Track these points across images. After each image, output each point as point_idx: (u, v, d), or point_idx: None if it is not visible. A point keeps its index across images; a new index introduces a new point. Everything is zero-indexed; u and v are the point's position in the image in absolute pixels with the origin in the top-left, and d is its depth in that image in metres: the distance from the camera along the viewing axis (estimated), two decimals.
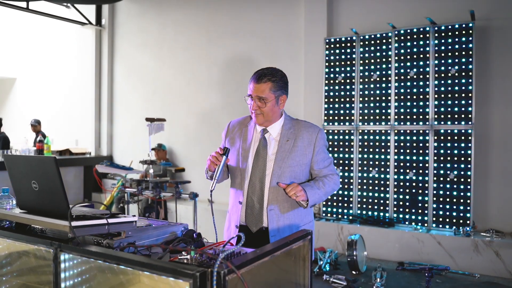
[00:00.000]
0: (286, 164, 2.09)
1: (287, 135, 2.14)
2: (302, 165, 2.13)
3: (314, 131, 2.16)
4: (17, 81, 9.76)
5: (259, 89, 2.08)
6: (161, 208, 5.06)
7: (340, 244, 5.13)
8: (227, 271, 1.19)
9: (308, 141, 2.13)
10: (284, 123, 2.17)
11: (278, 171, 2.09)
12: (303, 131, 2.15)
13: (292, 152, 2.11)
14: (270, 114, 2.11)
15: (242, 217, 2.14)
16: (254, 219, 2.11)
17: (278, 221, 2.09)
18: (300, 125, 2.18)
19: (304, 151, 2.13)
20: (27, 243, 1.62)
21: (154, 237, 1.70)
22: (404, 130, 5.03)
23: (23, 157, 1.77)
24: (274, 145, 2.14)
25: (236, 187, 2.19)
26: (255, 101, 2.09)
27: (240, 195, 2.15)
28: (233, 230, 2.17)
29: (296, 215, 2.13)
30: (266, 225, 2.09)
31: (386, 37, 5.16)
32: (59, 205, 1.59)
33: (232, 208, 2.21)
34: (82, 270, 1.47)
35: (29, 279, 1.64)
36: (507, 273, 4.29)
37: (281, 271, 1.55)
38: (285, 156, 2.10)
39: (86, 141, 8.11)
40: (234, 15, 6.56)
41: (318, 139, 2.15)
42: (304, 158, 2.13)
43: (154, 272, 1.25)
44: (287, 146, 2.12)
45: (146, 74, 7.50)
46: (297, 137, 2.13)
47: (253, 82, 2.10)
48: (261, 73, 2.10)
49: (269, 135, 2.16)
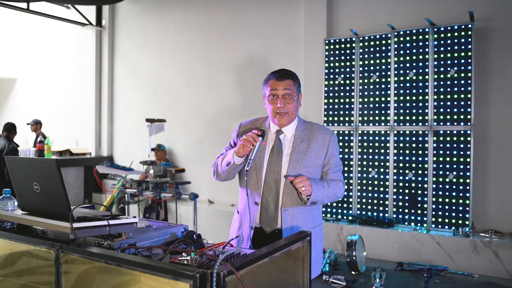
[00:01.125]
0: (301, 165, 2.09)
1: (301, 137, 2.14)
2: (316, 166, 2.13)
3: (327, 133, 2.17)
4: (18, 81, 9.78)
5: (285, 85, 2.07)
6: (161, 208, 5.08)
7: (340, 245, 5.15)
8: (226, 272, 1.20)
9: (322, 143, 2.14)
10: (298, 124, 2.18)
11: (293, 172, 2.08)
12: (317, 133, 2.16)
13: (307, 153, 2.11)
14: (294, 113, 2.12)
15: (257, 218, 2.11)
16: (268, 220, 2.10)
17: (292, 222, 2.09)
18: (313, 127, 2.18)
19: (318, 152, 2.13)
20: (28, 244, 1.63)
21: (154, 238, 1.71)
22: (404, 130, 5.04)
23: (25, 159, 1.78)
24: (288, 146, 2.13)
25: (250, 188, 2.14)
26: (282, 99, 2.07)
27: (256, 195, 2.12)
28: (247, 231, 2.12)
29: (308, 217, 2.14)
30: (280, 226, 2.09)
31: (386, 38, 5.17)
32: (60, 207, 1.61)
33: (246, 209, 2.15)
34: (83, 271, 1.48)
35: (30, 280, 1.65)
36: (506, 274, 4.30)
37: (280, 272, 1.56)
38: (300, 157, 2.10)
39: (86, 142, 8.13)
40: (234, 15, 6.57)
41: (331, 141, 2.16)
42: (318, 160, 2.13)
43: (154, 273, 1.27)
44: (301, 147, 2.12)
45: (146, 74, 7.51)
46: (311, 138, 2.14)
47: (275, 80, 2.09)
48: (282, 72, 2.11)
49: (283, 136, 2.15)
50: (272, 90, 2.09)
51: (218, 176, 2.19)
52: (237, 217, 2.26)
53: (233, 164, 2.03)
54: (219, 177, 2.19)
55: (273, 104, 2.09)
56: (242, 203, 2.22)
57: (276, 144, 2.14)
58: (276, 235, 2.09)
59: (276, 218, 2.10)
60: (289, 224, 2.08)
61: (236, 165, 2.04)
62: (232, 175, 2.16)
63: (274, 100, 2.09)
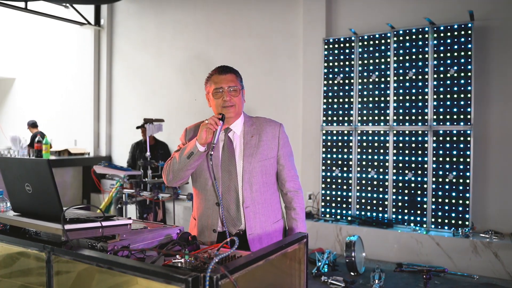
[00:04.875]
0: (255, 159, 2.08)
1: (250, 132, 2.14)
2: (271, 158, 2.13)
3: (276, 125, 2.18)
4: (16, 81, 9.76)
5: (228, 79, 2.08)
6: (159, 209, 5.05)
7: (339, 245, 5.12)
8: (220, 276, 1.18)
9: (272, 135, 2.15)
10: (245, 120, 2.17)
11: (248, 167, 2.07)
12: (266, 126, 2.16)
13: (259, 147, 2.10)
14: (240, 106, 2.11)
15: (220, 220, 2.05)
16: (232, 220, 2.06)
17: (255, 218, 2.07)
18: (260, 121, 2.19)
19: (270, 144, 2.13)
20: (20, 246, 1.61)
21: (149, 240, 1.68)
22: (403, 130, 5.02)
23: (17, 160, 1.76)
24: (239, 142, 2.12)
25: (207, 190, 2.09)
26: (227, 92, 2.06)
27: (214, 197, 2.07)
28: (211, 235, 2.07)
29: (270, 212, 2.13)
30: (244, 226, 2.06)
31: (385, 38, 5.14)
32: (52, 208, 1.59)
33: (205, 212, 2.10)
34: (76, 273, 1.46)
35: (23, 281, 1.63)
36: (506, 274, 4.28)
37: (276, 275, 1.54)
38: (253, 152, 2.09)
39: (85, 142, 8.10)
40: (233, 14, 6.55)
41: (281, 132, 2.17)
42: (271, 152, 2.13)
43: (146, 276, 1.24)
44: (253, 141, 2.11)
45: (145, 74, 7.49)
46: (261, 132, 2.14)
47: (218, 75, 2.09)
48: (224, 67, 2.12)
49: (233, 133, 2.14)
50: (216, 84, 2.08)
51: (173, 176, 2.07)
52: (194, 223, 2.17)
53: (197, 152, 1.98)
54: (175, 177, 2.08)
55: (219, 99, 2.07)
56: (199, 208, 2.15)
57: (226, 142, 2.12)
58: (240, 237, 2.00)
59: (239, 217, 2.07)
60: (252, 221, 2.06)
61: (200, 153, 1.98)
62: (189, 172, 2.06)
63: (220, 95, 2.07)
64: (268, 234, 2.10)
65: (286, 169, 2.17)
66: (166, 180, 2.13)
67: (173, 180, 2.10)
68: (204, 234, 2.10)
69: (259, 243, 2.05)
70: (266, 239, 2.08)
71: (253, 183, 2.07)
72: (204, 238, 2.10)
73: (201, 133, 1.96)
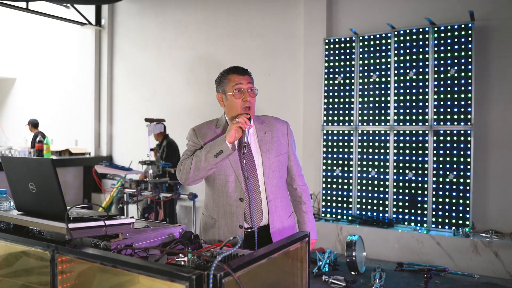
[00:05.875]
0: (272, 155, 2.12)
1: (262, 129, 2.18)
2: (284, 154, 2.19)
3: (284, 123, 2.25)
4: (17, 81, 9.76)
5: (248, 80, 2.11)
6: (160, 208, 5.06)
7: (339, 245, 5.13)
8: (223, 274, 1.19)
9: (282, 132, 2.21)
10: (254, 119, 2.20)
11: (268, 162, 2.11)
12: (275, 123, 2.22)
13: (274, 142, 2.15)
14: (254, 107, 2.15)
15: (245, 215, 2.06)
16: (257, 214, 2.08)
17: (276, 212, 2.12)
18: (269, 119, 2.24)
19: (281, 141, 2.19)
20: (24, 245, 1.62)
21: (151, 238, 1.70)
22: (404, 130, 5.02)
23: (21, 159, 1.76)
24: (254, 138, 2.15)
25: (227, 186, 2.08)
26: (248, 93, 2.09)
27: (238, 192, 2.07)
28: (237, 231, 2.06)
29: (286, 205, 2.19)
30: (267, 218, 2.10)
31: (386, 38, 5.15)
32: (56, 207, 1.59)
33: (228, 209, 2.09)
34: (79, 272, 1.47)
35: (26, 280, 1.64)
36: (507, 274, 4.29)
37: (278, 273, 1.55)
38: (270, 147, 2.13)
39: (85, 141, 8.11)
40: (234, 14, 6.56)
41: (289, 130, 2.24)
42: (283, 148, 2.19)
43: (150, 274, 1.25)
44: (267, 138, 2.15)
45: (146, 74, 7.50)
46: (272, 129, 2.19)
47: (238, 75, 2.10)
48: (241, 68, 2.15)
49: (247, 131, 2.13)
50: (237, 84, 2.08)
51: (193, 175, 2.02)
52: (213, 222, 2.13)
53: (227, 151, 1.96)
54: (195, 176, 2.03)
55: (239, 99, 2.08)
56: (220, 205, 2.11)
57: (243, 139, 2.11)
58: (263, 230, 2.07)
59: (263, 211, 2.09)
60: (274, 215, 2.10)
61: (230, 152, 1.97)
62: (212, 171, 2.04)
63: (241, 95, 2.09)
64: (286, 227, 2.16)
65: (295, 165, 2.25)
66: (183, 180, 2.07)
67: (192, 179, 2.05)
68: (229, 231, 2.08)
69: (279, 236, 2.07)
70: (285, 232, 2.13)
71: (272, 178, 2.11)
72: (230, 235, 2.06)
73: (231, 131, 1.96)
